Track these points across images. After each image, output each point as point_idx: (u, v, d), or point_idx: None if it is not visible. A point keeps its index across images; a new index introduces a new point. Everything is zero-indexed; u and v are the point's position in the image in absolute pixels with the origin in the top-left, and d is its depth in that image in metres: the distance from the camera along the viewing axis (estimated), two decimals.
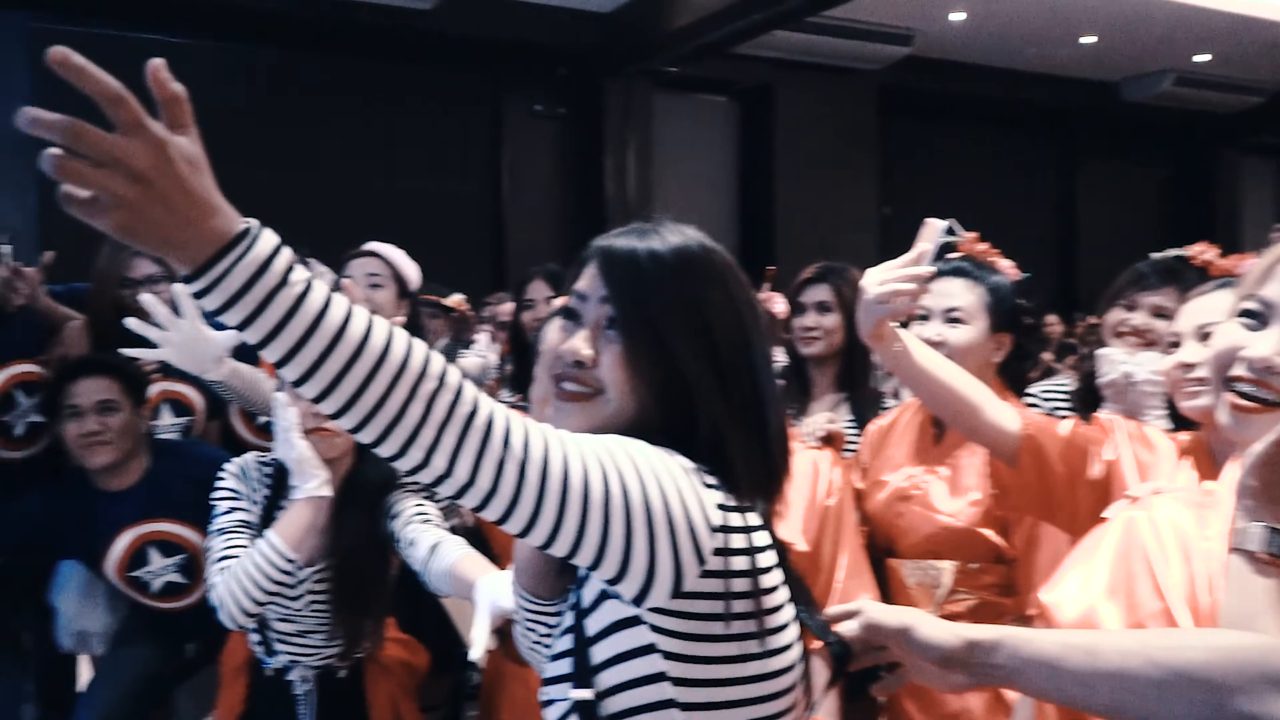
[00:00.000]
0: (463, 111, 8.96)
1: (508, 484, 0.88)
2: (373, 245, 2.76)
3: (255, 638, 2.09)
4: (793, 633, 1.04)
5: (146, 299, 2.19)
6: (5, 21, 7.31)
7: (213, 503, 2.05)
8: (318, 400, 0.85)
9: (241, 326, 0.83)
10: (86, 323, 2.68)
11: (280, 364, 0.84)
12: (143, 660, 2.52)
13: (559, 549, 0.92)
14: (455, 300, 4.39)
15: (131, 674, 2.49)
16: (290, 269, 0.83)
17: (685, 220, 1.09)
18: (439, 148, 8.79)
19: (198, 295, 0.83)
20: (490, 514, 0.90)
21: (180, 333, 2.20)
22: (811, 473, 2.03)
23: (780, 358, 2.74)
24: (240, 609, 1.89)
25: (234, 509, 2.04)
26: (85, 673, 2.80)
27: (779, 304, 2.65)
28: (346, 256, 2.76)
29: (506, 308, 4.41)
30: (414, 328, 2.79)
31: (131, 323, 2.15)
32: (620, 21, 8.51)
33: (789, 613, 1.03)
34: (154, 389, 2.67)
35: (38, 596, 2.66)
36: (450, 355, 4.19)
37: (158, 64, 0.80)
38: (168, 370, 2.51)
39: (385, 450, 0.86)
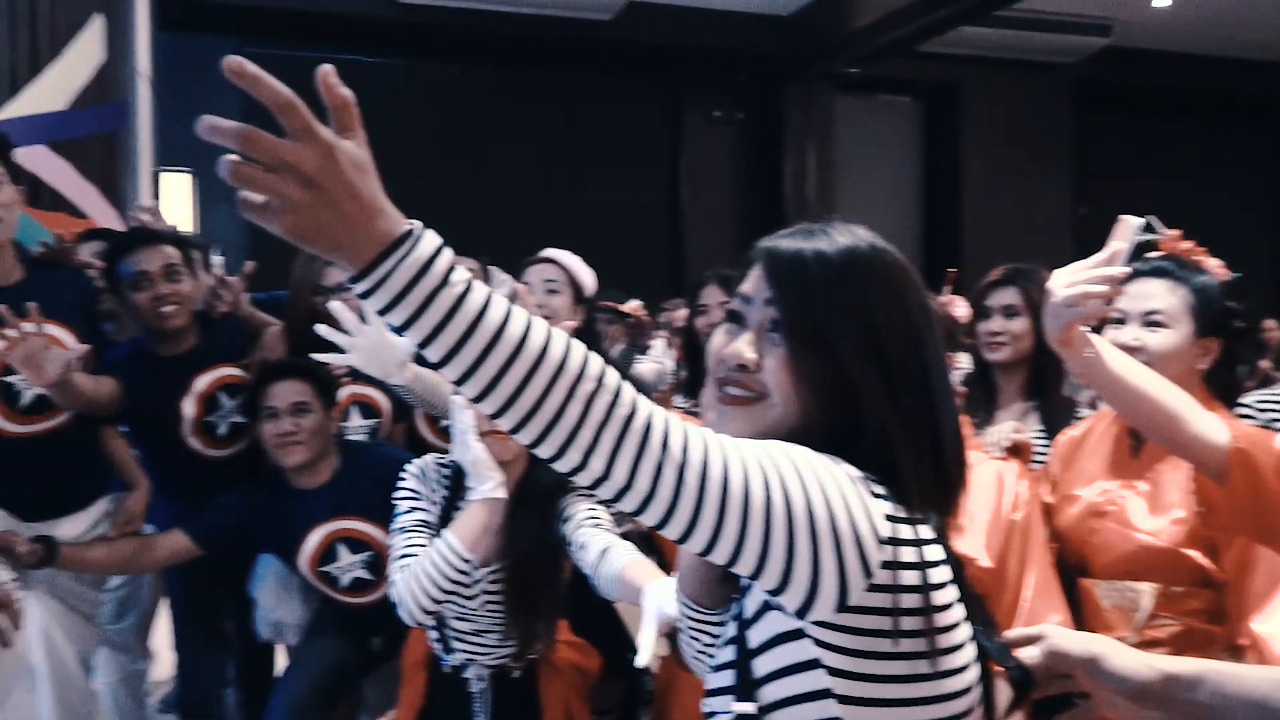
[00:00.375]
0: (642, 119, 9.06)
1: (666, 488, 0.86)
2: (550, 252, 2.80)
3: (434, 635, 2.15)
4: (969, 654, 0.97)
5: (335, 306, 2.29)
6: (216, 46, 7.81)
7: (394, 502, 2.12)
8: (478, 400, 0.85)
9: (404, 327, 0.84)
10: (284, 328, 2.82)
11: (441, 364, 0.85)
12: (332, 651, 2.63)
13: (719, 556, 0.89)
14: (632, 306, 4.42)
15: (321, 664, 2.60)
16: (451, 270, 0.84)
17: (867, 224, 1.05)
18: (618, 156, 8.91)
19: (363, 296, 0.84)
20: (649, 518, 0.88)
21: (366, 339, 2.28)
22: (996, 484, 1.93)
23: (965, 364, 2.63)
24: (419, 606, 1.94)
25: (414, 509, 2.10)
26: (281, 661, 2.94)
27: (960, 307, 2.55)
28: (524, 263, 2.81)
29: (682, 313, 4.41)
30: (589, 333, 2.81)
31: (322, 329, 2.25)
32: (799, 24, 8.42)
33: (964, 632, 0.97)
34: (344, 392, 2.79)
35: (239, 588, 2.81)
36: (626, 361, 4.22)
37: (327, 70, 0.82)
38: (356, 374, 2.61)
39: (544, 451, 0.86)
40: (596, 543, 1.93)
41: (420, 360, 2.40)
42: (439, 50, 8.34)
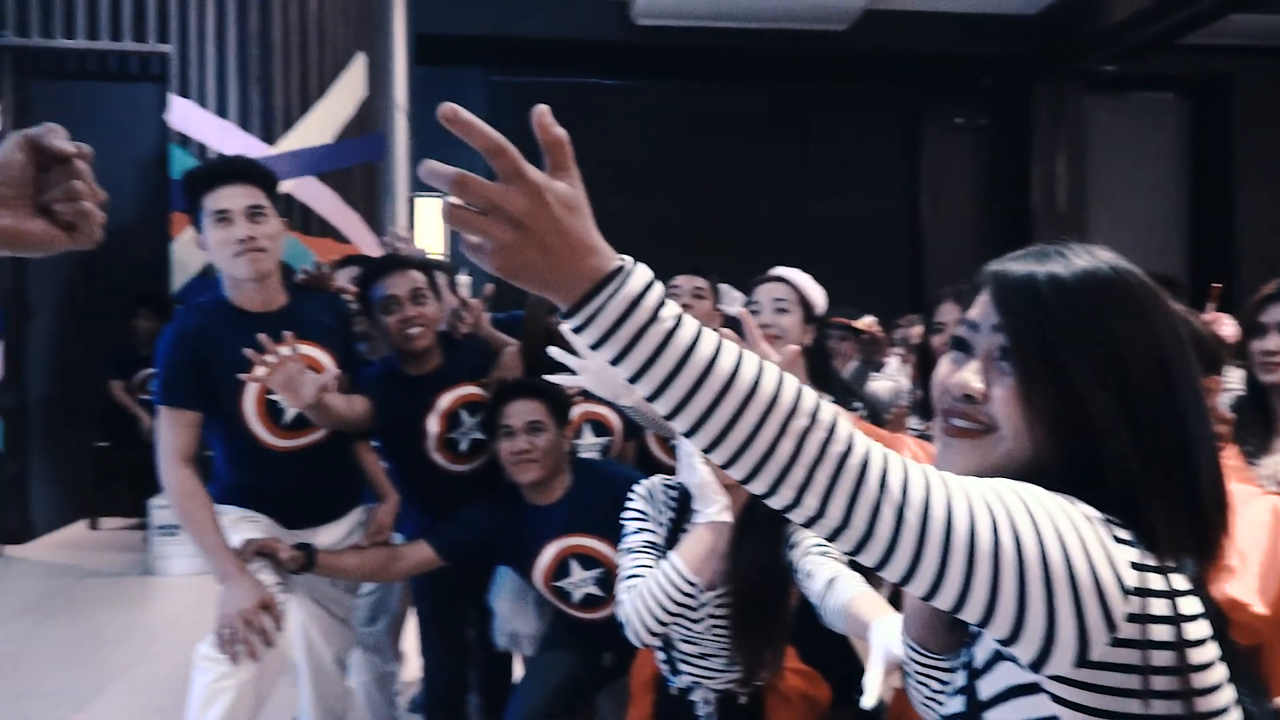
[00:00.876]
0: (879, 129, 8.87)
1: (884, 528, 0.82)
2: (779, 270, 2.77)
3: (661, 656, 2.15)
4: (1233, 719, 0.87)
5: (566, 328, 2.34)
6: (465, 76, 8.24)
7: (623, 522, 2.14)
8: (689, 435, 0.84)
9: (615, 362, 0.84)
10: (520, 348, 2.92)
11: (652, 398, 0.84)
12: (565, 664, 2.68)
13: (943, 601, 0.83)
14: (865, 322, 4.31)
15: (555, 675, 2.66)
16: (661, 305, 0.84)
17: (1125, 233, 0.96)
18: (853, 167, 8.76)
19: (575, 332, 0.85)
20: (867, 559, 0.84)
21: (595, 361, 2.32)
22: (1273, 521, 1.74)
23: (1236, 385, 2.40)
24: (645, 627, 1.94)
25: (641, 529, 2.11)
26: (519, 669, 3.04)
27: (1227, 326, 2.32)
28: (753, 282, 2.79)
29: (917, 330, 4.27)
30: (819, 352, 2.76)
31: (554, 351, 2.30)
32: (1047, 23, 8.01)
33: (1227, 696, 0.87)
34: (577, 410, 2.85)
35: (480, 598, 2.93)
36: (860, 379, 4.11)
37: (541, 110, 0.84)
38: (589, 393, 2.66)
39: (757, 487, 0.84)
40: (824, 571, 1.88)
41: None
42: (675, 69, 8.47)
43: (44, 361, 6.12)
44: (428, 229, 7.46)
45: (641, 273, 0.85)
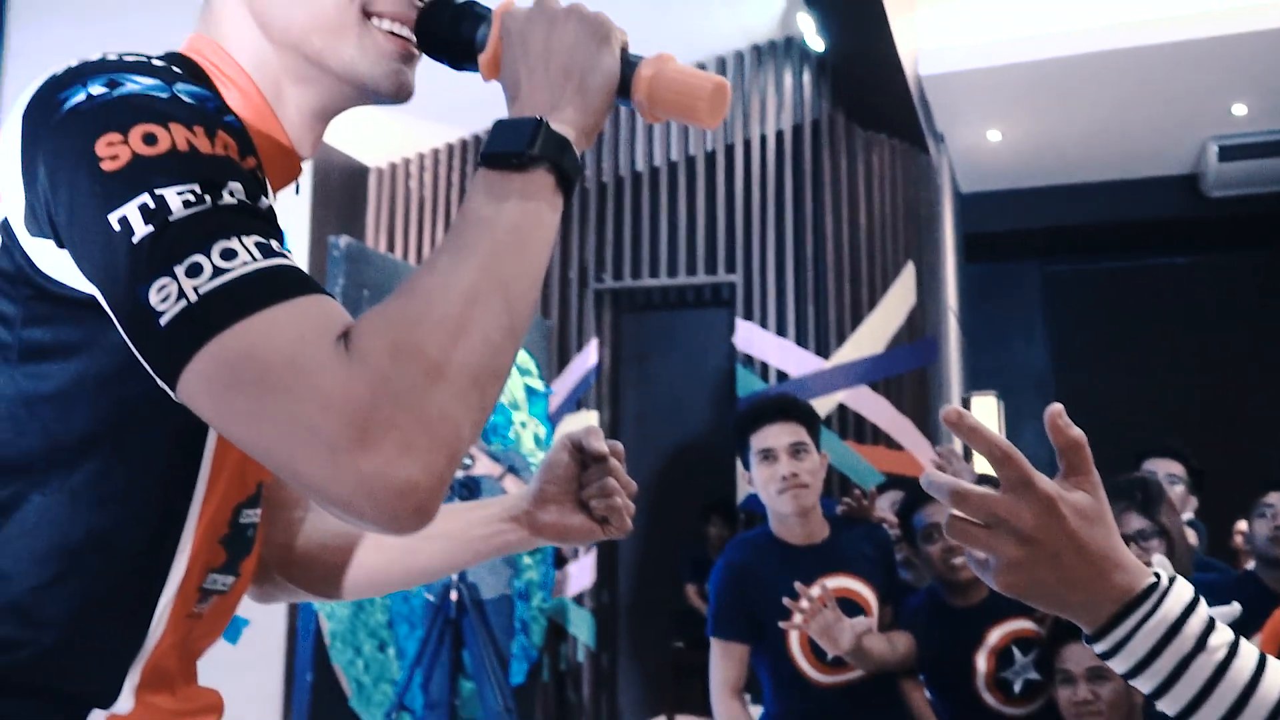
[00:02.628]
0: None
1: None
2: None
3: None
4: None
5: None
6: (1017, 270, 8.06)
7: None
8: None
9: (1154, 696, 0.74)
10: None
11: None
12: None
13: None
14: None
15: None
16: (1208, 630, 0.72)
17: None
18: None
19: (1103, 658, 0.77)
20: None
21: None
22: None
23: None
24: None
25: None
26: None
27: None
28: None
29: None
30: None
31: None
32: None
33: None
34: None
35: None
36: None
37: (1056, 410, 0.78)
38: None
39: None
40: None
41: None
42: (1252, 239, 7.62)
43: (630, 564, 6.78)
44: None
45: (1180, 590, 0.74)
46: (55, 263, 0.74)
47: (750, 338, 6.05)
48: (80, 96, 0.72)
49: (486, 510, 1.12)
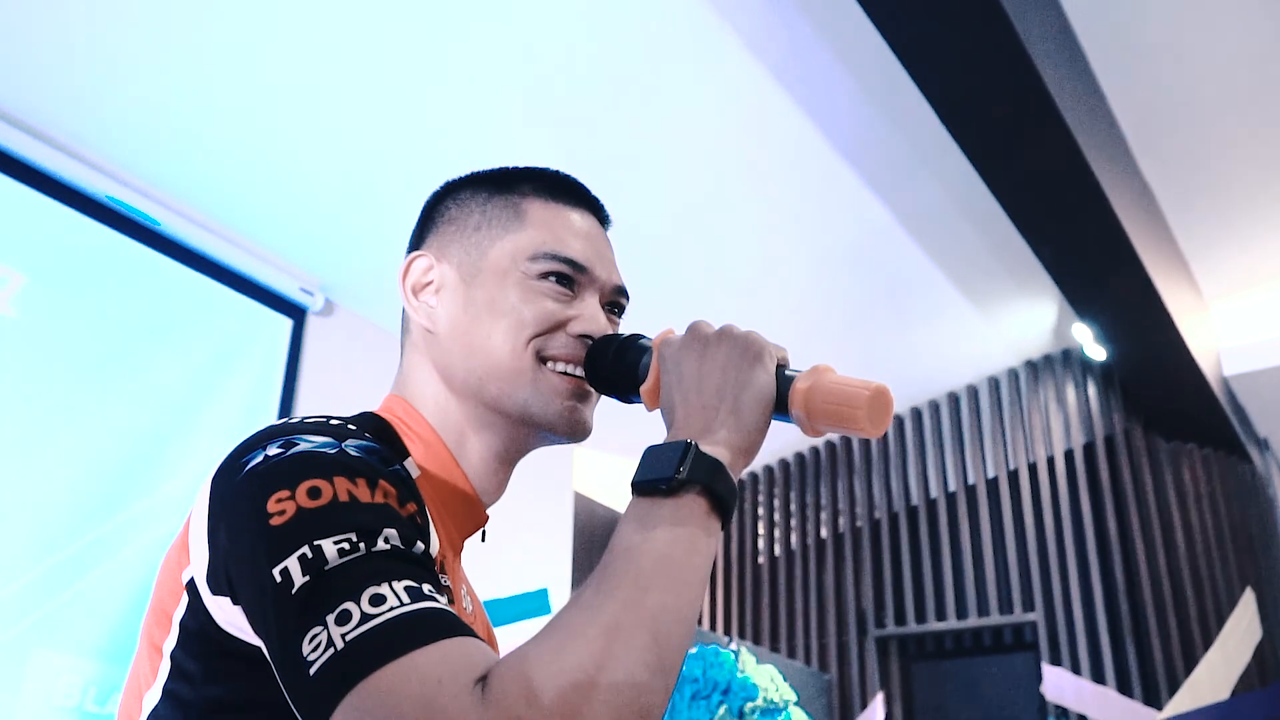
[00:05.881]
0: None
1: None
2: None
3: None
4: None
5: None
6: None
7: None
8: None
9: None
10: None
11: None
12: None
13: None
14: None
15: None
16: None
17: None
18: None
19: None
20: None
21: None
22: None
23: None
24: None
25: None
26: None
27: None
28: None
29: None
30: None
31: None
32: None
33: None
34: None
35: None
36: None
37: None
38: None
39: None
40: None
41: None
42: None
43: None
44: None
45: None
46: (231, 618, 0.77)
47: (1062, 686, 5.23)
48: (259, 459, 0.77)
49: None
